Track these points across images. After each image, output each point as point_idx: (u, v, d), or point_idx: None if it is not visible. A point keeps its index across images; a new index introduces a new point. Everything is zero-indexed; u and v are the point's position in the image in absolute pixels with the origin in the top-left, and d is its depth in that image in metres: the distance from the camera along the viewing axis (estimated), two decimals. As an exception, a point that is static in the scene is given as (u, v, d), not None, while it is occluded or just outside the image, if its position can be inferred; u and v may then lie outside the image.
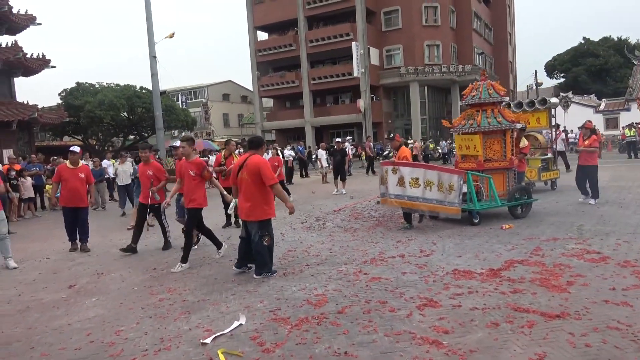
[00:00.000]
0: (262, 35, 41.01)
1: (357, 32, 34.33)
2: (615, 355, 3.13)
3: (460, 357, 3.26)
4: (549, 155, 11.99)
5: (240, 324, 4.09)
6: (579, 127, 12.10)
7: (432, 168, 8.06)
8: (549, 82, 58.36)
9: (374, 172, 21.18)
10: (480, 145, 8.51)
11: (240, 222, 6.07)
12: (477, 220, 7.95)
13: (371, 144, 22.84)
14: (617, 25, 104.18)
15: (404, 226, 8.17)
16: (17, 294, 5.58)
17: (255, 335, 3.84)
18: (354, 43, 33.31)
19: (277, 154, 13.56)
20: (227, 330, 3.97)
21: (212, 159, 14.62)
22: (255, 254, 5.56)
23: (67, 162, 7.96)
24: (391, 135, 8.88)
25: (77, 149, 8.07)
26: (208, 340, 3.79)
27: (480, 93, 8.62)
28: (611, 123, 34.28)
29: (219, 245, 6.74)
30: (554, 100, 12.04)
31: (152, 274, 6.08)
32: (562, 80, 56.28)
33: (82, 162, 8.53)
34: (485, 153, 8.62)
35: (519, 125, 8.83)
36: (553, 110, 12.08)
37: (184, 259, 6.24)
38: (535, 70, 48.63)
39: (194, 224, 6.43)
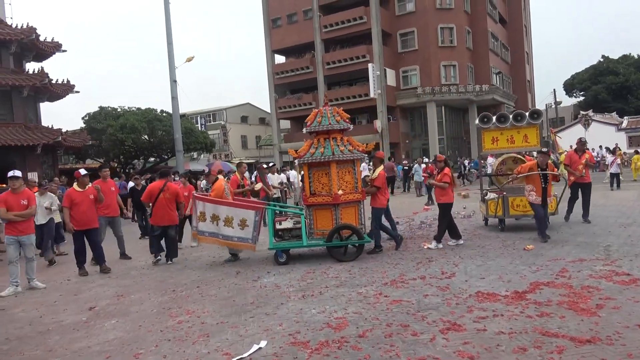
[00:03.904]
0: (280, 59, 41.62)
1: (374, 54, 34.59)
2: (652, 384, 2.98)
3: (488, 384, 3.13)
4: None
5: (260, 348, 4.03)
6: (537, 151, 9.70)
7: (224, 203, 7.81)
8: (568, 101, 57.75)
9: (392, 192, 21.16)
10: (305, 178, 7.90)
11: (156, 229, 8.30)
12: (282, 260, 7.44)
13: (393, 164, 22.71)
14: (637, 43, 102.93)
15: (227, 259, 8.17)
16: (39, 315, 5.61)
17: (275, 360, 3.77)
18: (370, 65, 33.52)
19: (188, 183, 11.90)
20: (246, 354, 3.91)
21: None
22: (173, 245, 8.41)
23: (76, 185, 7.90)
24: (206, 172, 9.03)
25: (84, 171, 7.99)
26: (227, 364, 3.73)
27: (310, 121, 7.89)
28: (634, 141, 33.61)
29: None
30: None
31: (171, 296, 6.07)
32: (582, 98, 55.62)
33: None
34: (314, 187, 7.80)
35: (342, 156, 7.50)
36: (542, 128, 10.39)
37: None
38: (554, 89, 48.30)
39: None
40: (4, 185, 7.22)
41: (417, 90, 35.59)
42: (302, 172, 8.20)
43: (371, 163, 8.21)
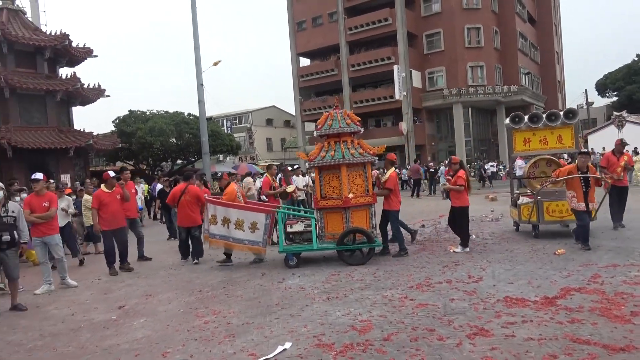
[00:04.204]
0: (305, 61, 41.84)
1: (399, 56, 34.40)
2: (691, 395, 2.86)
3: (516, 391, 3.07)
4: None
5: (285, 349, 4.05)
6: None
7: (234, 206, 7.85)
8: (600, 102, 56.12)
9: (418, 195, 20.99)
10: (316, 181, 7.92)
11: (181, 230, 8.72)
12: (292, 263, 7.43)
13: (418, 166, 22.52)
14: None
15: (222, 263, 8.20)
16: (71, 313, 5.78)
17: (300, 361, 3.77)
18: (395, 66, 33.36)
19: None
20: (271, 355, 3.93)
21: (258, 182, 14.69)
22: (198, 244, 8.53)
23: (104, 187, 8.12)
24: (219, 175, 9.01)
25: (112, 173, 8.26)
26: (252, 365, 3.76)
27: (321, 124, 7.85)
28: (672, 143, 32.36)
29: None
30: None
31: (198, 296, 6.16)
32: (615, 99, 53.98)
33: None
34: (325, 190, 7.77)
35: (353, 159, 7.48)
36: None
37: None
38: (586, 90, 47.07)
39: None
40: None
41: (443, 91, 35.24)
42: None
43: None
